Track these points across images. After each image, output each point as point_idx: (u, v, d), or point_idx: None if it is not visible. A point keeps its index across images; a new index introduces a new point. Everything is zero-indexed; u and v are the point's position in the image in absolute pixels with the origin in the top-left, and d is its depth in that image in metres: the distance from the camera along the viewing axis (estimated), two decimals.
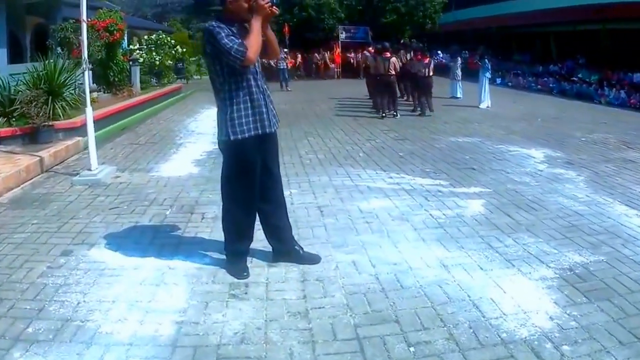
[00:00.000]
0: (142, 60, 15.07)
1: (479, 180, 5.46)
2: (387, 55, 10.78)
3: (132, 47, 16.47)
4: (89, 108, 5.70)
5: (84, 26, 5.62)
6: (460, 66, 14.54)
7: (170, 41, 17.80)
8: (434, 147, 7.35)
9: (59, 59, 8.12)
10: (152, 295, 2.91)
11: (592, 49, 18.51)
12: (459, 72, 14.30)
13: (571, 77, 17.37)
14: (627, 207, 4.54)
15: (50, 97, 7.10)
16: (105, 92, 11.47)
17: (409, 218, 4.21)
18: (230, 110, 2.91)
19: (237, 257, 3.19)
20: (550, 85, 17.31)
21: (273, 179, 3.18)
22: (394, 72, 10.66)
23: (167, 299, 2.88)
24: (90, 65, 5.90)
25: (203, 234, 3.90)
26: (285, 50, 18.78)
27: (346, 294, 2.91)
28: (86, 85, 5.77)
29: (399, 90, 12.22)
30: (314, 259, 3.32)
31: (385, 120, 10.26)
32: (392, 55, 10.93)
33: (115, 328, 2.57)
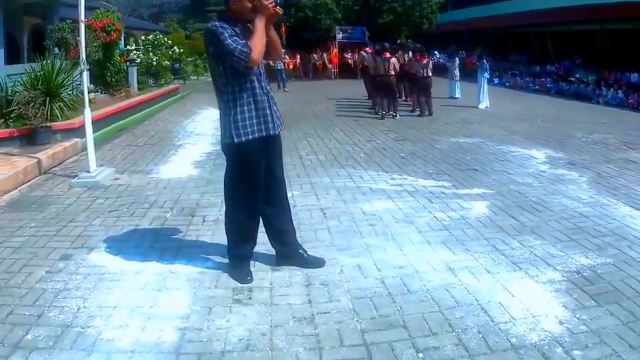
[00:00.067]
0: (139, 60, 15.01)
1: (481, 181, 5.42)
2: (387, 55, 10.76)
3: (129, 48, 16.39)
4: (87, 109, 5.64)
5: (82, 26, 5.56)
6: (458, 66, 14.53)
7: (168, 42, 17.72)
8: (435, 147, 7.32)
9: (57, 60, 8.06)
10: (154, 301, 2.86)
11: (589, 49, 18.54)
12: (457, 73, 14.29)
13: (569, 77, 17.39)
14: (632, 208, 4.51)
15: (47, 98, 7.03)
16: (102, 93, 11.42)
17: (413, 220, 4.16)
18: (234, 112, 2.86)
19: (240, 261, 3.14)
20: (548, 86, 17.31)
21: (277, 182, 3.13)
22: (394, 72, 10.63)
23: (169, 304, 2.83)
24: (88, 65, 5.82)
25: (204, 237, 3.84)
26: (283, 51, 18.71)
27: (352, 298, 2.87)
28: (84, 86, 5.71)
29: (397, 90, 12.19)
30: (318, 262, 3.27)
31: (384, 120, 10.23)
32: (392, 56, 10.90)
33: (116, 334, 2.52)
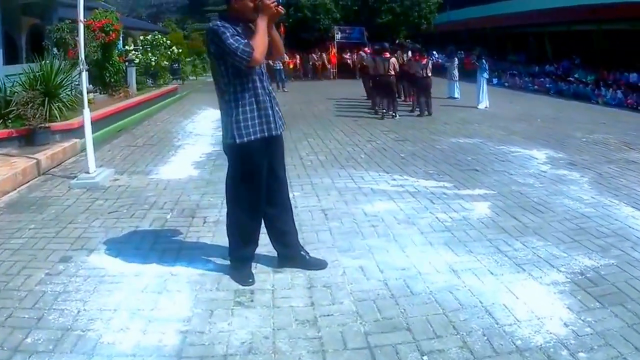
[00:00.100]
0: (137, 61, 14.99)
1: (482, 182, 5.40)
2: (387, 55, 10.74)
3: (127, 48, 16.35)
4: (86, 109, 5.60)
5: (81, 26, 5.53)
6: (457, 66, 14.52)
7: (166, 42, 17.68)
8: (435, 148, 7.30)
9: (55, 60, 8.01)
10: (155, 303, 2.83)
11: (587, 49, 18.55)
12: (456, 73, 14.28)
13: (567, 78, 17.38)
14: (634, 208, 4.49)
15: (46, 99, 6.99)
16: (101, 93, 11.39)
17: (415, 221, 4.14)
18: (236, 113, 2.84)
19: (242, 263, 3.11)
20: (547, 86, 17.31)
21: (279, 182, 3.10)
22: (394, 72, 10.61)
23: (170, 306, 2.80)
24: (87, 66, 5.79)
25: (205, 238, 3.81)
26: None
27: (355, 300, 2.84)
28: (83, 86, 5.68)
29: (397, 90, 12.17)
30: (320, 264, 3.24)
31: (384, 121, 10.20)
32: (391, 56, 10.88)
33: (117, 338, 2.49)
